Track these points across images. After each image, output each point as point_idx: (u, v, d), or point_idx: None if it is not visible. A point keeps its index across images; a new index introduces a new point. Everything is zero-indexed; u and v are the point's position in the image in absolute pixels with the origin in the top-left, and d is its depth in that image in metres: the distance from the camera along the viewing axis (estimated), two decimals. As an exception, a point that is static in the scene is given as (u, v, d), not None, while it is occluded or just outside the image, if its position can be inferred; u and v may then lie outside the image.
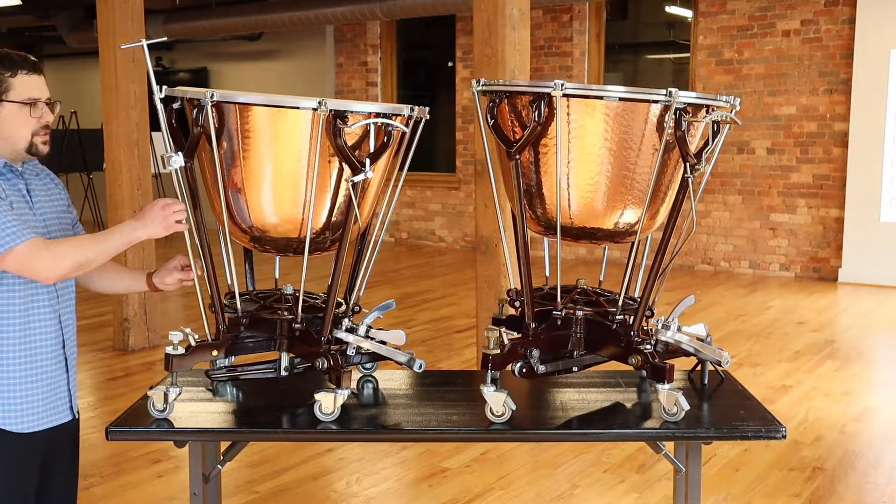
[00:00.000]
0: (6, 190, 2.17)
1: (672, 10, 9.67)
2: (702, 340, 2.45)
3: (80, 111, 11.98)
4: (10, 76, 2.18)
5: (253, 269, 2.70)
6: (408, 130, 2.36)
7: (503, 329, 2.37)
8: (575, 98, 2.26)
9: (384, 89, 11.34)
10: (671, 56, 10.30)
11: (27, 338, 2.21)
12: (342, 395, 2.28)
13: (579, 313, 2.43)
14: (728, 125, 2.31)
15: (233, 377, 2.54)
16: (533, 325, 2.39)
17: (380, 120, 2.25)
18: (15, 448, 2.21)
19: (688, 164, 2.29)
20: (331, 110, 2.19)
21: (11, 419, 2.19)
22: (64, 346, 2.30)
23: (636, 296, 2.55)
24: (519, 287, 2.50)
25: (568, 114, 2.27)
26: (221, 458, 2.55)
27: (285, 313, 2.43)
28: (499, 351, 2.31)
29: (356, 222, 2.32)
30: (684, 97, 2.25)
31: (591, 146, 2.29)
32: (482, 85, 2.44)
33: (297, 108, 2.23)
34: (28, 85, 2.20)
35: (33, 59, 2.25)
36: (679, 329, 2.41)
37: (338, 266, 2.33)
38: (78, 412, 2.40)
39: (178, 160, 2.25)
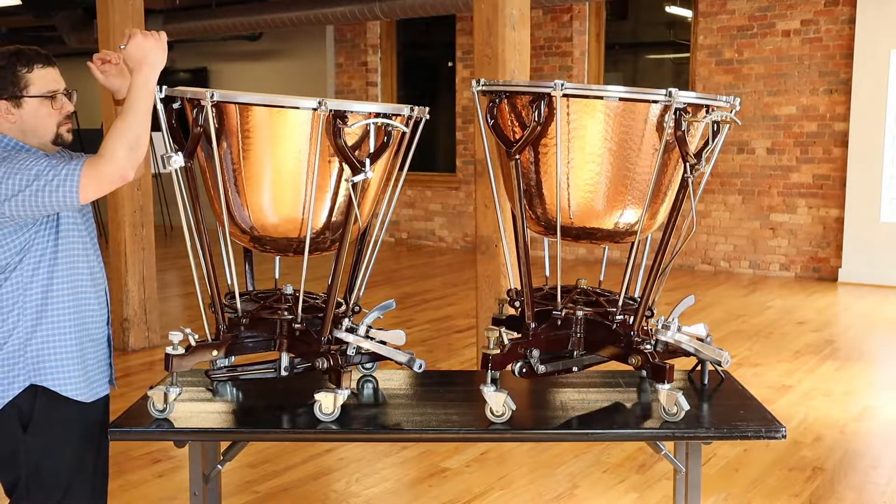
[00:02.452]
0: None
1: (672, 10, 9.67)
2: (702, 340, 2.46)
3: (80, 111, 11.91)
4: (27, 72, 2.22)
5: (253, 269, 2.70)
6: (408, 130, 2.36)
7: (503, 329, 2.37)
8: (575, 98, 2.26)
9: (384, 89, 11.34)
10: (671, 56, 10.30)
11: (77, 309, 2.28)
12: (342, 395, 2.28)
13: (579, 313, 2.43)
14: (728, 125, 2.32)
15: (233, 377, 2.54)
16: (533, 325, 2.39)
17: (380, 120, 2.26)
18: (81, 417, 2.30)
19: (688, 164, 2.29)
20: (331, 110, 2.20)
21: (72, 388, 2.26)
22: (108, 323, 2.41)
23: (636, 296, 2.55)
24: (519, 287, 2.50)
25: (568, 114, 2.27)
26: (221, 458, 2.55)
27: (285, 313, 2.43)
28: (499, 351, 2.31)
29: (356, 222, 2.32)
30: (684, 97, 2.25)
31: (591, 146, 2.29)
32: (482, 85, 2.44)
33: (297, 108, 2.23)
34: (45, 78, 2.25)
35: (44, 51, 2.28)
36: (679, 329, 2.41)
37: (338, 266, 2.33)
38: (116, 385, 2.51)
39: (178, 160, 2.25)
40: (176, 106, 2.33)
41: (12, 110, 2.22)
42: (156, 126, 2.38)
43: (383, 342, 2.40)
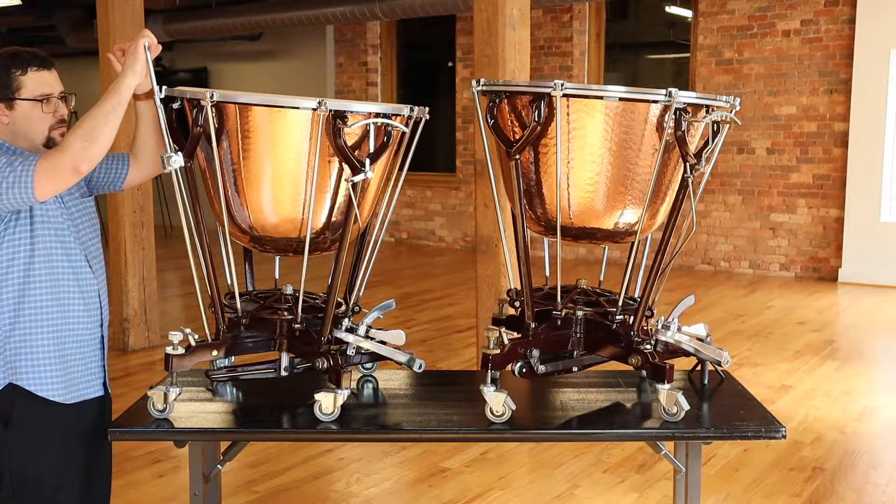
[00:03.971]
0: None
1: (672, 10, 9.67)
2: (702, 340, 2.45)
3: (80, 111, 11.95)
4: (20, 74, 2.21)
5: (253, 269, 2.70)
6: (408, 130, 2.36)
7: (503, 329, 2.37)
8: (575, 98, 2.26)
9: (384, 89, 11.34)
10: (671, 56, 10.30)
11: (59, 309, 2.26)
12: (342, 395, 2.28)
13: (579, 313, 2.43)
14: (728, 125, 2.31)
15: (233, 377, 2.54)
16: (533, 325, 2.39)
17: (380, 120, 2.25)
18: (65, 419, 2.29)
19: (688, 164, 2.29)
20: (331, 110, 2.19)
21: (48, 388, 2.25)
22: (102, 325, 2.39)
23: (636, 296, 2.55)
24: (519, 287, 2.50)
25: (568, 114, 2.27)
26: (221, 458, 2.55)
27: (285, 313, 2.43)
28: (499, 351, 2.31)
29: (356, 222, 2.32)
30: (684, 97, 2.25)
31: (591, 146, 2.29)
32: (482, 85, 2.44)
33: (297, 108, 2.23)
34: (39, 81, 2.24)
35: (43, 54, 2.28)
36: (679, 329, 2.41)
37: (338, 266, 2.33)
38: (109, 389, 2.48)
39: (178, 160, 2.25)
40: (176, 106, 2.32)
41: (5, 112, 2.22)
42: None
43: (383, 342, 2.40)
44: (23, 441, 2.25)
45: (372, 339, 2.40)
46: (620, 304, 2.42)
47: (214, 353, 2.41)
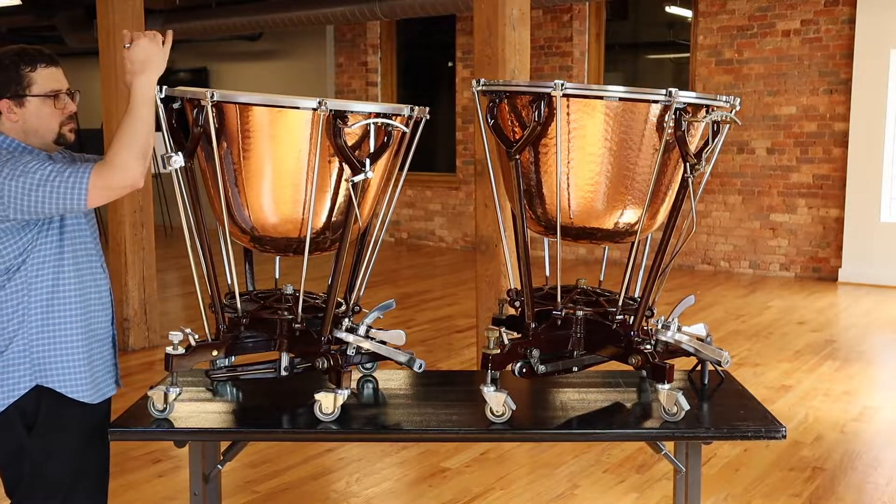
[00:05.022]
0: None
1: (672, 10, 9.67)
2: (702, 340, 2.45)
3: (79, 111, 11.93)
4: (30, 71, 2.22)
5: (253, 269, 2.70)
6: (408, 130, 2.36)
7: (503, 329, 2.37)
8: (575, 98, 2.26)
9: (384, 89, 11.34)
10: (671, 56, 10.29)
11: (84, 309, 2.29)
12: (342, 395, 2.28)
13: (579, 313, 2.43)
14: (728, 125, 2.31)
15: (233, 377, 2.54)
16: (533, 325, 2.39)
17: (380, 120, 2.25)
18: (86, 419, 2.31)
19: (688, 164, 2.29)
20: (331, 110, 2.20)
21: (78, 390, 2.26)
22: (113, 322, 2.41)
23: (636, 296, 2.55)
24: (519, 287, 2.50)
25: (568, 114, 2.27)
26: (221, 458, 2.55)
27: (285, 313, 2.43)
28: (499, 351, 2.31)
29: (356, 222, 2.32)
30: (684, 97, 2.25)
31: (591, 146, 2.29)
32: (482, 85, 2.44)
33: (297, 108, 2.23)
34: (48, 78, 2.26)
35: (48, 51, 2.29)
36: (679, 329, 2.41)
37: (338, 266, 2.33)
38: (122, 385, 2.51)
39: (178, 160, 2.25)
40: (176, 106, 2.33)
41: (15, 109, 2.22)
42: (156, 126, 2.39)
43: (383, 342, 2.40)
44: (47, 444, 2.26)
45: (372, 339, 2.40)
46: (620, 304, 2.42)
47: (214, 353, 2.41)
